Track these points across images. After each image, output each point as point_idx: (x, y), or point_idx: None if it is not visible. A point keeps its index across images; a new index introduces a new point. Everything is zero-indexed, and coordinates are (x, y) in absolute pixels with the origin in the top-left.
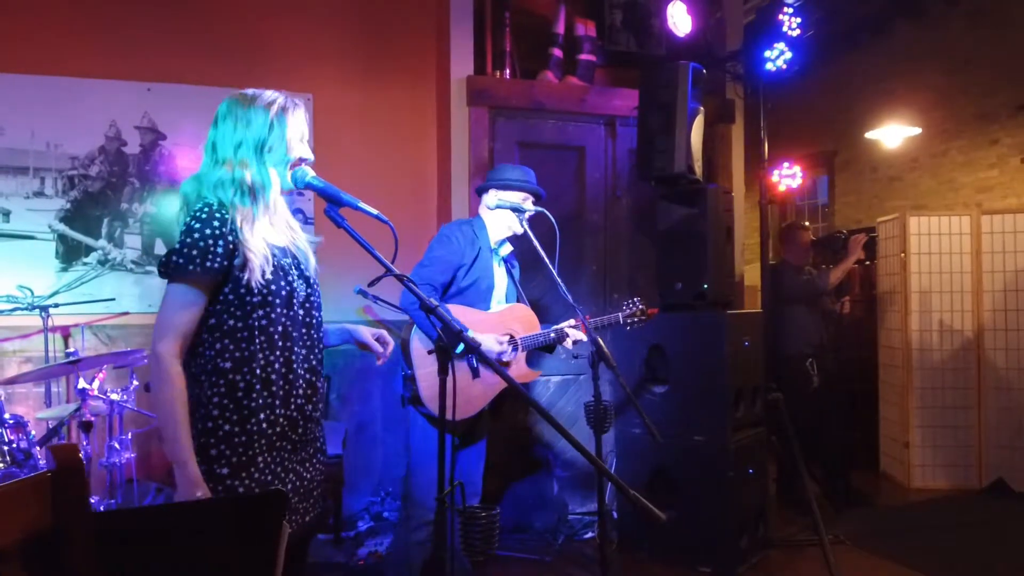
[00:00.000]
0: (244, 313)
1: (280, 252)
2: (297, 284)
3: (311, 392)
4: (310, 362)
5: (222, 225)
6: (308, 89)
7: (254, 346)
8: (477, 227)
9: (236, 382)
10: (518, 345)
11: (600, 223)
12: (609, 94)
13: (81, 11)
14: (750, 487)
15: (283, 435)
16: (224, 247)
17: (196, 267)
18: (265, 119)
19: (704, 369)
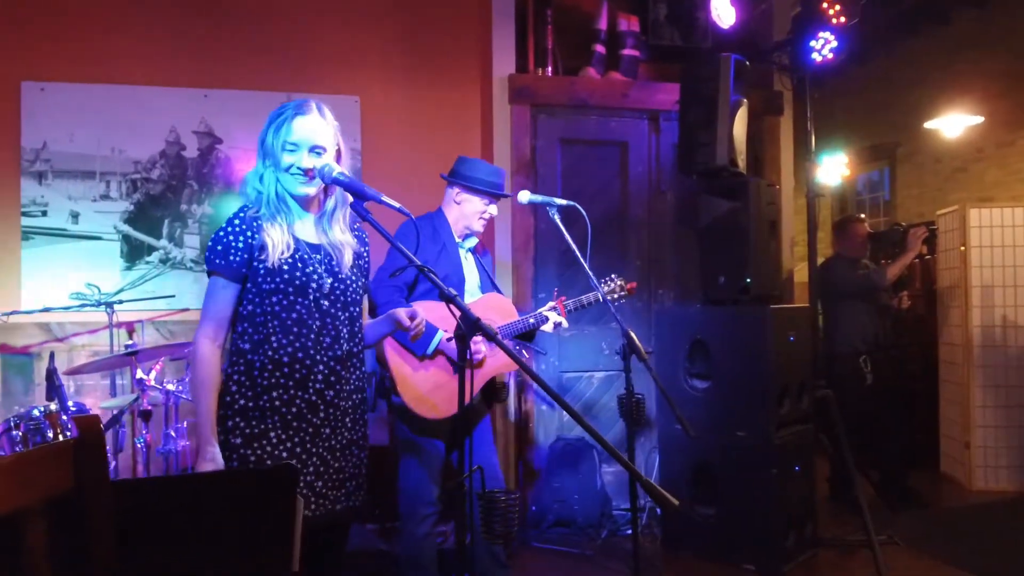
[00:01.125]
0: (260, 299)
1: (309, 247)
2: (319, 276)
3: (334, 379)
4: (335, 351)
5: (242, 223)
6: (354, 91)
7: (268, 329)
8: (438, 221)
9: (253, 362)
10: (497, 335)
11: (644, 218)
12: (652, 89)
13: (142, 23)
14: (796, 485)
15: (300, 416)
16: (245, 241)
17: (222, 261)
18: (269, 128)
19: (747, 364)
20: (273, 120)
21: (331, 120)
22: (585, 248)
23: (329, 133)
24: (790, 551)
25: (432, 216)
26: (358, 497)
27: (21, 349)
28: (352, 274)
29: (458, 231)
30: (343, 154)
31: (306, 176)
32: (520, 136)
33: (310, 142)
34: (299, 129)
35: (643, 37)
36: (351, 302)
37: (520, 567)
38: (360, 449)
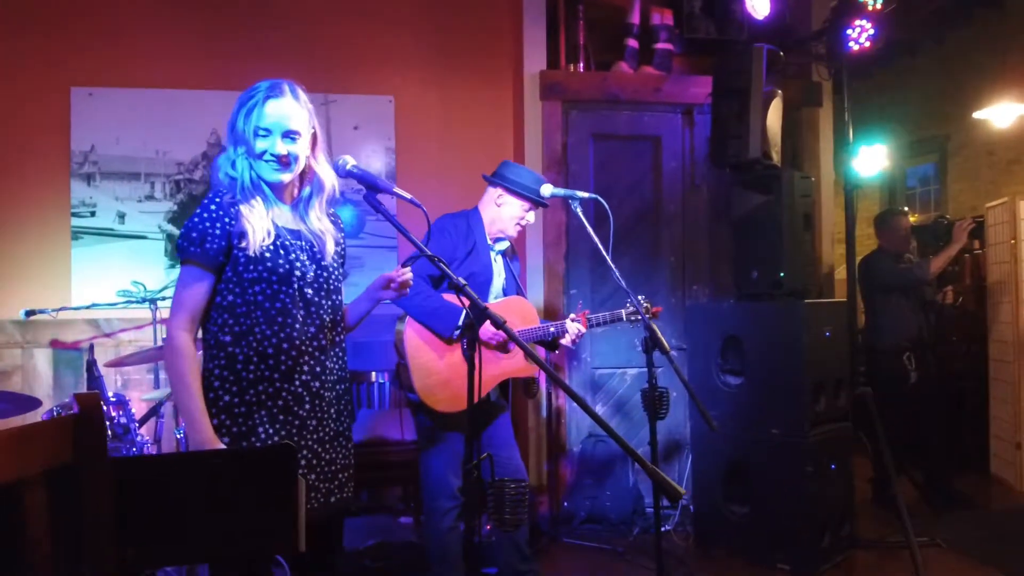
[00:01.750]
0: (242, 289)
1: (290, 234)
2: (302, 264)
3: (320, 370)
4: (319, 341)
5: (219, 208)
6: (389, 91)
7: (251, 320)
8: (473, 221)
9: (235, 355)
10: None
11: (678, 213)
12: (686, 82)
13: (184, 29)
14: (833, 484)
15: (287, 409)
16: (223, 228)
17: (197, 248)
18: (239, 111)
19: (781, 360)
20: (244, 103)
21: (306, 103)
22: (608, 243)
23: (304, 117)
24: (826, 552)
25: (468, 214)
26: (349, 489)
27: (72, 344)
28: (334, 261)
29: (491, 233)
30: (319, 139)
31: (280, 163)
32: (551, 132)
33: (283, 127)
34: (272, 113)
35: (677, 30)
36: (334, 290)
37: (550, 563)
38: (347, 440)
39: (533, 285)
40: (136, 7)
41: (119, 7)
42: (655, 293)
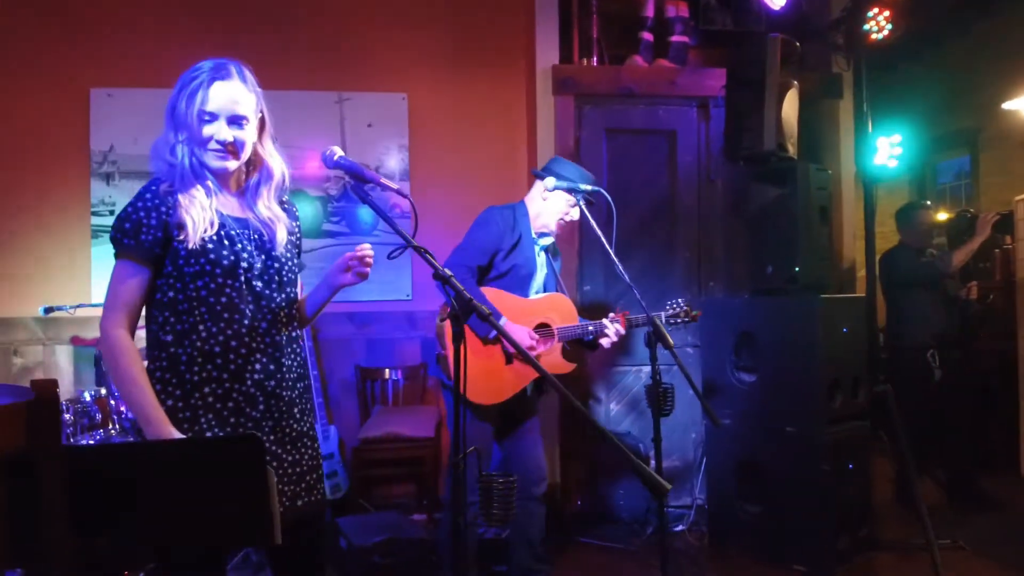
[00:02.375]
0: (183, 284)
1: (236, 223)
2: (249, 255)
3: (275, 368)
4: (272, 336)
5: (154, 197)
6: (402, 89)
7: (194, 318)
8: (519, 213)
9: (178, 355)
10: (554, 335)
11: (693, 208)
12: (701, 75)
13: (200, 30)
14: (851, 483)
15: (238, 411)
16: (158, 218)
17: (131, 241)
18: (180, 94)
19: (795, 357)
20: (186, 84)
21: (254, 86)
22: (612, 238)
23: (252, 101)
24: (843, 552)
25: (514, 207)
26: (320, 491)
27: (91, 341)
28: (287, 251)
29: (536, 227)
30: (267, 124)
31: (225, 150)
32: (564, 127)
33: (230, 111)
34: (217, 96)
35: (692, 23)
36: (287, 282)
37: (562, 562)
38: (312, 440)
39: None
40: (152, 10)
41: (136, 10)
42: (670, 289)
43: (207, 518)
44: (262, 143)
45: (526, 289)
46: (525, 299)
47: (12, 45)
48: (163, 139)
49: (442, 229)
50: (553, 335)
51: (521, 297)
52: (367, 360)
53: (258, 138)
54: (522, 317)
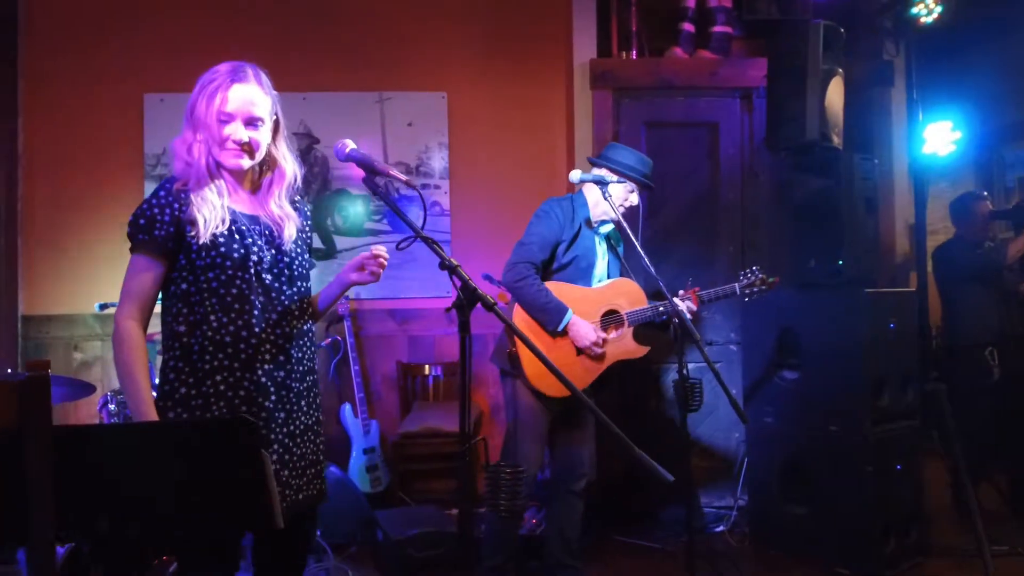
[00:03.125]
0: (195, 277)
1: (246, 218)
2: (259, 249)
3: (284, 359)
4: (282, 327)
5: (167, 195)
6: (442, 87)
7: (204, 308)
8: (577, 204)
9: (191, 345)
10: (624, 320)
11: (736, 201)
12: (744, 65)
13: (246, 36)
14: (899, 485)
15: (249, 400)
16: (171, 215)
17: (145, 236)
18: (200, 95)
19: (839, 353)
20: (205, 86)
21: (270, 88)
22: (638, 228)
23: (267, 104)
24: (891, 557)
25: (572, 198)
26: (319, 484)
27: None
28: (296, 247)
29: (595, 215)
30: (281, 126)
31: (241, 150)
32: (602, 122)
33: (247, 113)
34: (235, 98)
35: (735, 12)
36: (297, 276)
37: (599, 560)
38: (316, 435)
39: None
40: (201, 18)
41: (186, 19)
42: (711, 285)
43: (204, 500)
44: (276, 144)
45: (588, 279)
46: (591, 288)
47: (70, 52)
48: (181, 139)
49: (482, 224)
50: (623, 321)
51: (586, 287)
52: (408, 356)
53: (272, 139)
54: (589, 306)
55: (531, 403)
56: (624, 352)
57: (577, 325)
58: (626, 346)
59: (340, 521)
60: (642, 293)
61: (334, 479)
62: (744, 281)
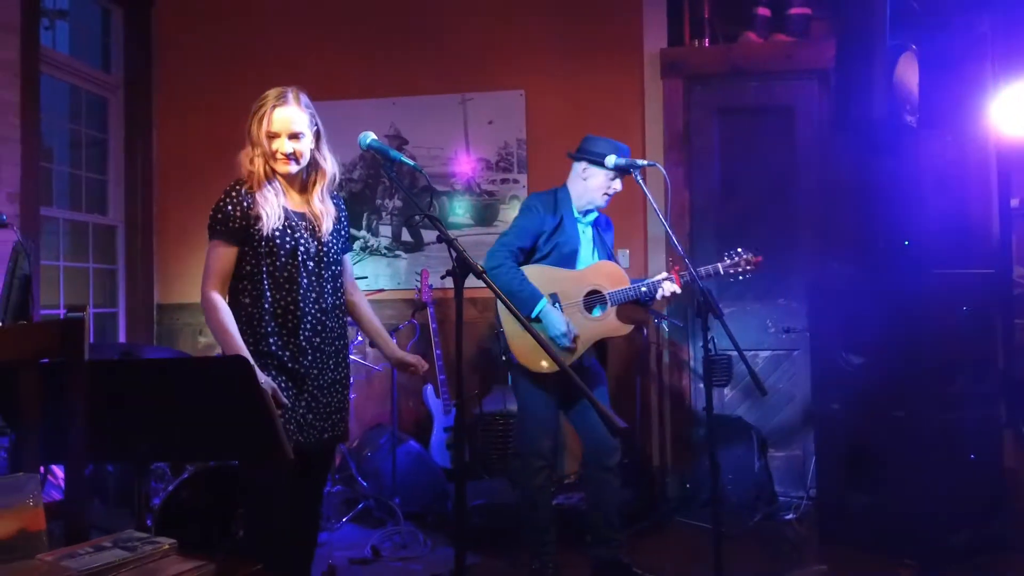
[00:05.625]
0: (257, 261)
1: (296, 215)
2: (305, 241)
3: (320, 328)
4: (321, 303)
5: (238, 195)
6: (520, 85)
7: (263, 286)
8: (560, 196)
9: (253, 313)
10: (607, 300)
11: (815, 185)
12: (821, 46)
13: (339, 48)
14: (974, 475)
15: (293, 359)
16: (242, 211)
17: (222, 227)
18: (252, 120)
19: (907, 336)
20: (255, 112)
21: (307, 107)
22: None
23: (305, 119)
24: (962, 550)
25: (556, 190)
26: (341, 428)
27: None
28: (332, 238)
29: (580, 206)
30: (322, 135)
31: (288, 158)
32: (672, 111)
33: (289, 129)
34: (278, 120)
35: None
36: (333, 262)
37: (657, 539)
38: (343, 387)
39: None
40: (307, 36)
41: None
42: (791, 271)
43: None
44: (319, 149)
45: (573, 264)
46: (571, 271)
47: (199, 71)
48: (244, 152)
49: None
50: (605, 300)
51: (567, 270)
52: (490, 341)
53: (315, 145)
54: (572, 286)
55: (530, 387)
56: (608, 330)
57: (549, 314)
58: (610, 324)
59: (419, 493)
60: (623, 274)
61: (415, 454)
62: (728, 262)
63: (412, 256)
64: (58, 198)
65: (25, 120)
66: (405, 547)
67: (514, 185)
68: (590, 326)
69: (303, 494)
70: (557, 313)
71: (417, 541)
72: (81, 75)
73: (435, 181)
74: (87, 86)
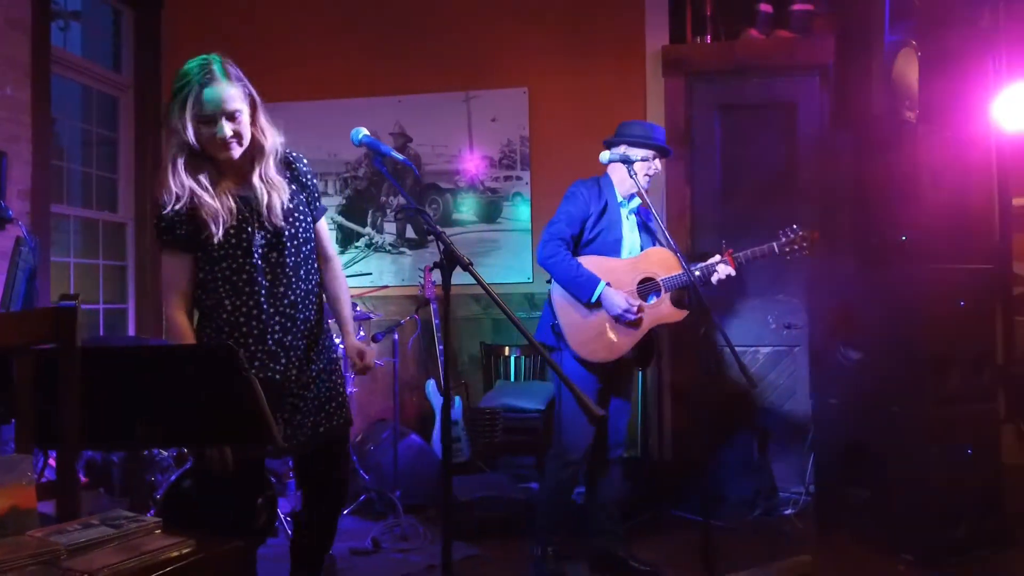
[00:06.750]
0: (210, 267)
1: (240, 202)
2: (253, 233)
3: (290, 325)
4: (289, 298)
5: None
6: (523, 83)
7: (219, 294)
8: (604, 183)
9: (207, 327)
10: (660, 287)
11: (814, 181)
12: (822, 42)
13: (345, 47)
14: (971, 470)
15: (264, 368)
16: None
17: (167, 235)
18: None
19: (902, 331)
20: (177, 95)
21: (237, 77)
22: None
23: (239, 92)
24: (959, 544)
25: (599, 178)
26: (340, 415)
27: None
28: (295, 215)
29: (623, 192)
30: (257, 102)
31: (229, 143)
32: (674, 107)
33: (224, 110)
34: (209, 101)
35: None
36: (301, 242)
37: (653, 532)
38: (332, 373)
39: None
40: (308, 34)
41: (297, 35)
42: (790, 267)
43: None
44: (255, 122)
45: (618, 251)
46: (623, 259)
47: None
48: (165, 146)
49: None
50: (659, 287)
51: (618, 258)
52: (492, 338)
53: (252, 119)
54: (624, 275)
55: (578, 371)
56: (662, 316)
57: (609, 295)
58: (663, 311)
59: (420, 486)
60: (675, 259)
61: (416, 448)
62: (783, 239)
63: (416, 253)
64: (70, 196)
65: (36, 119)
66: (405, 539)
67: (517, 182)
68: (645, 314)
69: (319, 488)
70: (617, 292)
71: (417, 533)
72: (92, 75)
73: (439, 178)
74: (98, 86)
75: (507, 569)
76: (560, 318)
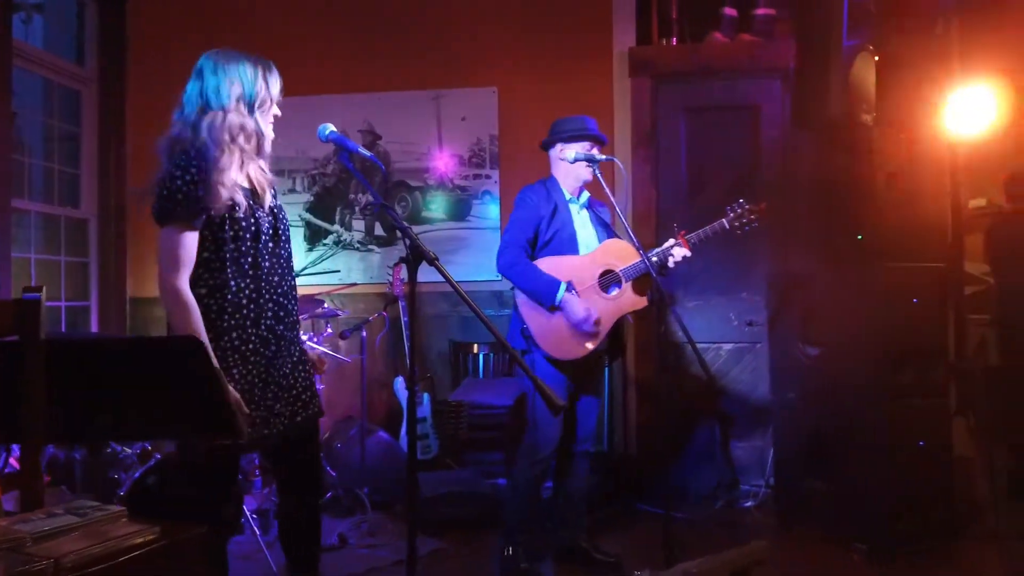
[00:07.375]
0: (216, 247)
1: (244, 190)
2: (262, 219)
3: (283, 314)
4: (282, 287)
5: (199, 172)
6: (491, 83)
7: (225, 274)
8: (550, 185)
9: (210, 306)
10: (621, 278)
11: (777, 182)
12: (784, 46)
13: (314, 42)
14: (923, 463)
15: (256, 351)
16: (206, 190)
17: (182, 209)
18: (266, 74)
19: (858, 328)
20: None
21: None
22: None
23: None
24: (908, 535)
25: (544, 181)
26: (313, 406)
27: None
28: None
29: (570, 188)
30: None
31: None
32: (640, 109)
33: None
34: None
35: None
36: (291, 236)
37: (617, 527)
38: (303, 366)
39: None
40: (282, 30)
41: (270, 31)
42: (753, 266)
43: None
44: None
45: (574, 247)
46: (581, 256)
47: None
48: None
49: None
50: (620, 278)
51: (575, 255)
52: (460, 335)
53: None
54: (584, 271)
55: (549, 371)
56: (627, 306)
57: (569, 302)
58: (629, 299)
59: (387, 482)
60: (632, 250)
61: (384, 444)
62: (731, 215)
63: (385, 250)
64: (31, 191)
65: None
66: (373, 535)
67: (486, 181)
68: (609, 306)
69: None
70: (576, 301)
71: (385, 529)
72: (54, 68)
73: (408, 176)
74: (60, 79)
75: (473, 564)
76: (528, 322)
